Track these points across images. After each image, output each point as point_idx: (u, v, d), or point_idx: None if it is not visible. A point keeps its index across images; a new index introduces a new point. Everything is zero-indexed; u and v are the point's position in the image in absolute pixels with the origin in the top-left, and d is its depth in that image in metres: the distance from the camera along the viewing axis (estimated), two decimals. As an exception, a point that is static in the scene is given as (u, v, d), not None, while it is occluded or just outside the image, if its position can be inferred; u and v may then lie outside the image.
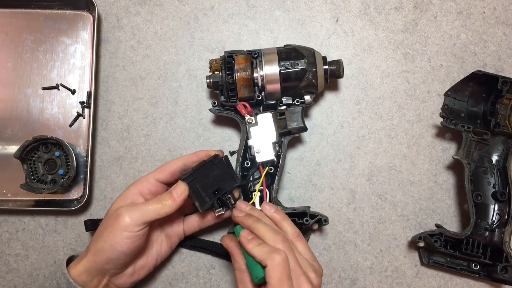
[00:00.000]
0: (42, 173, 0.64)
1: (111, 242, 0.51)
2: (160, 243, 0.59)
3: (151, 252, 0.58)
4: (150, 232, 0.57)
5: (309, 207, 0.61)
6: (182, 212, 0.61)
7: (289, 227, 0.53)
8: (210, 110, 0.62)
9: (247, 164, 0.60)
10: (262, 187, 0.58)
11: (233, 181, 0.56)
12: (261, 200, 0.58)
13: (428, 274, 0.64)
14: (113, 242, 0.51)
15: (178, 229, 0.60)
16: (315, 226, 0.60)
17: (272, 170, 0.59)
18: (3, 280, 0.64)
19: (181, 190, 0.53)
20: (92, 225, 0.62)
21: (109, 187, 0.66)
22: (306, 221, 0.58)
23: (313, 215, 0.59)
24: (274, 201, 0.59)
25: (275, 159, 0.58)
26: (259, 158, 0.58)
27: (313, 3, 0.69)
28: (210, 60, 0.60)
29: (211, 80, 0.59)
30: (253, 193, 0.58)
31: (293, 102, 0.60)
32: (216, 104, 0.61)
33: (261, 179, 0.58)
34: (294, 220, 0.58)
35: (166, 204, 0.52)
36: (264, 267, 0.47)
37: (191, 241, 0.63)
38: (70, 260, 0.55)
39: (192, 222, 0.60)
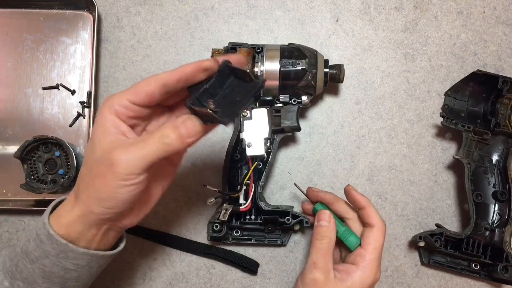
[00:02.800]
0: (42, 173, 0.64)
1: (108, 194, 0.41)
2: (162, 168, 0.48)
3: (153, 182, 0.48)
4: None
5: (292, 206, 0.62)
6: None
7: None
8: None
9: (237, 156, 0.60)
10: (248, 182, 0.58)
11: (253, 85, 0.43)
12: (246, 194, 0.58)
13: (428, 274, 0.64)
14: (111, 193, 0.41)
15: None
16: (297, 227, 0.60)
17: (261, 166, 0.60)
18: (3, 280, 0.64)
19: (194, 130, 0.42)
20: None
21: (109, 187, 0.66)
22: (288, 221, 0.59)
23: (295, 215, 0.59)
24: (259, 197, 0.59)
25: (265, 155, 0.58)
26: (249, 152, 0.58)
27: (313, 3, 0.69)
28: (213, 49, 0.61)
29: None
30: (239, 186, 0.58)
31: (290, 101, 0.60)
32: None
33: (249, 173, 0.58)
34: (276, 218, 0.59)
35: (170, 143, 0.41)
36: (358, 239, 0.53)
37: (208, 249, 0.64)
38: (57, 206, 0.46)
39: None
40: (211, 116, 0.41)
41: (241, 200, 0.59)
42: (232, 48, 0.60)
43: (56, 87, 0.66)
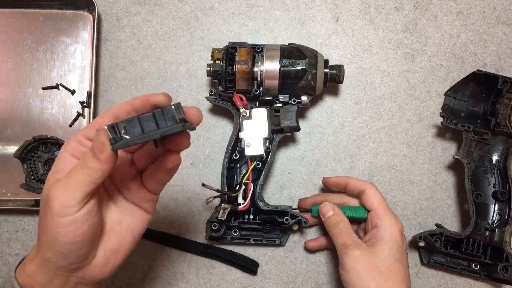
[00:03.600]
0: (42, 172, 0.64)
1: (52, 235, 0.38)
2: (130, 213, 0.44)
3: (121, 228, 0.43)
4: (109, 203, 0.44)
5: (291, 206, 0.62)
6: (135, 168, 0.44)
7: None
8: (206, 98, 0.62)
9: (236, 156, 0.60)
10: (247, 181, 0.58)
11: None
12: (245, 193, 0.58)
13: (428, 274, 0.64)
14: (54, 234, 0.38)
15: (140, 187, 0.44)
16: (295, 227, 0.61)
17: (260, 166, 0.60)
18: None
19: (101, 142, 0.37)
20: None
21: (109, 187, 0.66)
22: (286, 220, 0.59)
23: (294, 216, 0.59)
24: (258, 196, 0.59)
25: (264, 155, 0.59)
26: (248, 152, 0.58)
27: (313, 2, 0.69)
28: (213, 49, 0.61)
29: (211, 68, 0.60)
30: (238, 186, 0.59)
31: (290, 101, 0.60)
32: (213, 93, 0.61)
33: (247, 173, 0.58)
34: (274, 218, 0.59)
35: (92, 167, 0.37)
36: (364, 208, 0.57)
37: (207, 249, 0.64)
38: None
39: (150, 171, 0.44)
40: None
41: (240, 200, 0.59)
42: (232, 47, 0.60)
43: (56, 87, 0.66)
